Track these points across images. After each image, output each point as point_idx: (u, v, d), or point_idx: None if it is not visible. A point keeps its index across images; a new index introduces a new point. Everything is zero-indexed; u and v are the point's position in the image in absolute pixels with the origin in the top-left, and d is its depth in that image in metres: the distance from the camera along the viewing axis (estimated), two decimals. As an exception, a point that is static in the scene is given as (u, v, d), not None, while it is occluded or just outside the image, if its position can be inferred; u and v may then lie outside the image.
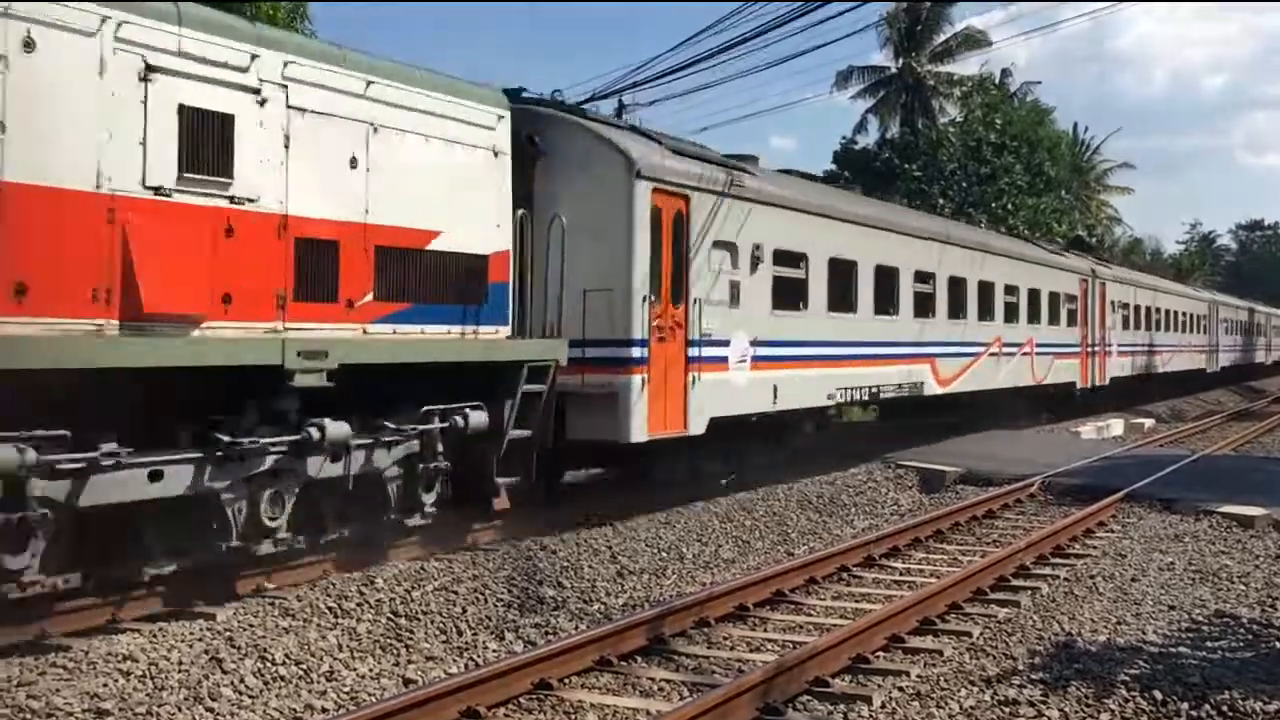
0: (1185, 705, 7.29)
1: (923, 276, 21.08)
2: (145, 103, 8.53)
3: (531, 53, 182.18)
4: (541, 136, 13.35)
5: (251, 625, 8.56)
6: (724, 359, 15.05)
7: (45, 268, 7.83)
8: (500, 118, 12.04)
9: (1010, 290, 25.33)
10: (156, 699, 7.11)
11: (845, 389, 18.19)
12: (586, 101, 18.85)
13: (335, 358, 9.71)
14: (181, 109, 8.79)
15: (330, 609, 9.11)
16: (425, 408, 10.88)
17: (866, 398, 19.33)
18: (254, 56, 9.37)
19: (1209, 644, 8.93)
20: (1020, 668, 8.15)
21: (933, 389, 21.32)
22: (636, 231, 13.42)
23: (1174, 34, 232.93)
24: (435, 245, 11.09)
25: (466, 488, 11.73)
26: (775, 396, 16.13)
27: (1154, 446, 24.79)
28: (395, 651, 8.53)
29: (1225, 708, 7.23)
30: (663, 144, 14.56)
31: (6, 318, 7.60)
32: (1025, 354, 26.03)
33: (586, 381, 13.15)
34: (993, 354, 24.22)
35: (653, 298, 13.64)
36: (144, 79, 8.53)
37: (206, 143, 8.93)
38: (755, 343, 15.65)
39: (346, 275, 10.16)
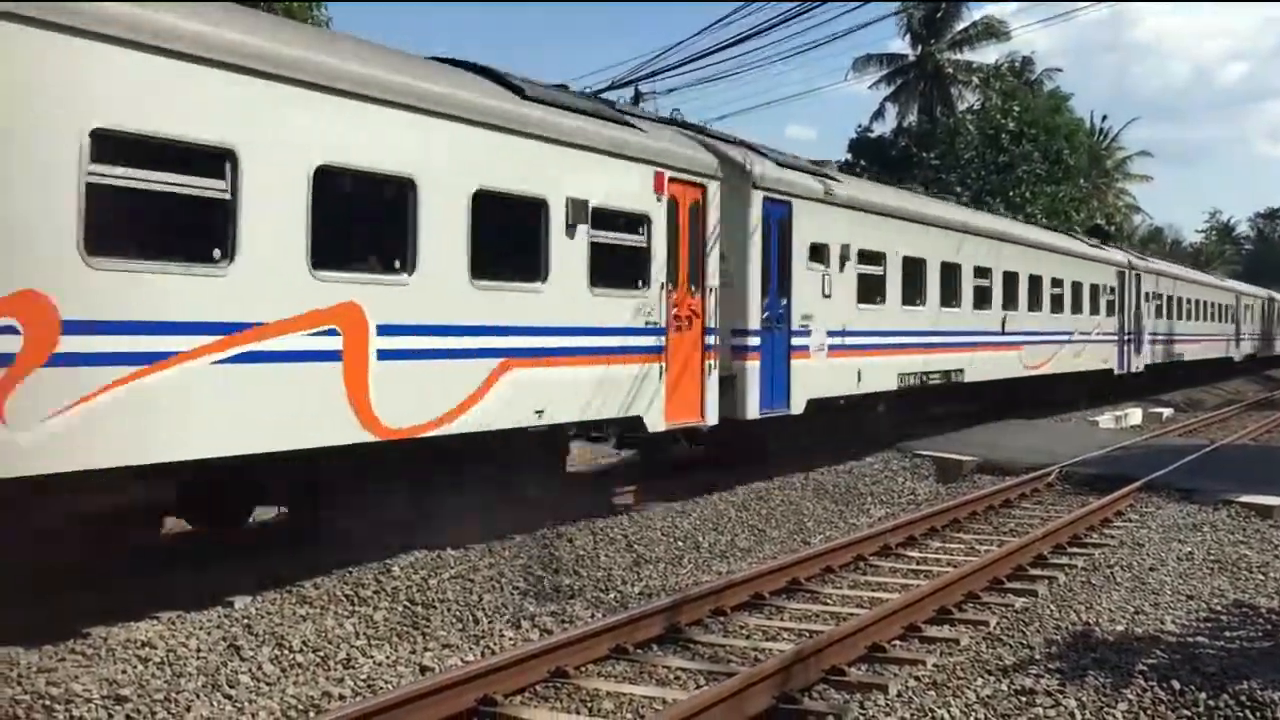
0: (1203, 695, 7.25)
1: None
2: None
3: (546, 41, 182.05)
4: None
5: (269, 613, 8.60)
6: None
7: None
8: None
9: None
10: (175, 686, 7.15)
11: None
12: (606, 90, 18.83)
13: None
14: None
15: (347, 596, 9.15)
16: None
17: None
18: None
19: (1228, 634, 8.89)
20: (1037, 657, 8.13)
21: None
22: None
23: (1193, 24, 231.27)
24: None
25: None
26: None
27: (1172, 436, 24.70)
28: (412, 639, 8.56)
29: (1244, 697, 7.19)
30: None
31: None
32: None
33: None
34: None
35: None
36: None
37: None
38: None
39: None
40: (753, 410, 14.97)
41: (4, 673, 7.07)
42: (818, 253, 16.58)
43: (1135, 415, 29.15)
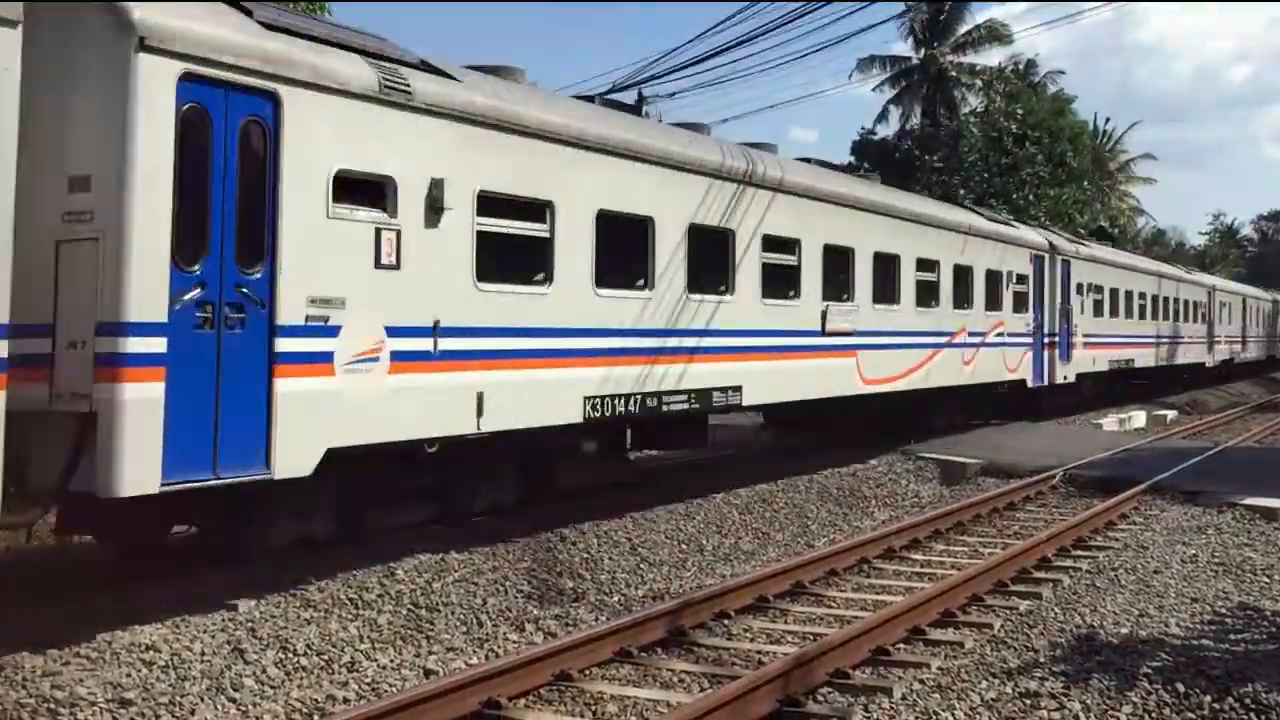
0: (1208, 698, 7.25)
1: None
2: None
3: (549, 45, 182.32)
4: None
5: (273, 616, 8.60)
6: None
7: None
8: None
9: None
10: (179, 689, 7.16)
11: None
12: (607, 93, 18.78)
13: None
14: None
15: (351, 600, 9.15)
16: None
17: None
18: None
19: (1232, 636, 8.88)
20: (1041, 660, 8.13)
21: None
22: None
23: (1197, 25, 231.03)
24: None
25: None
26: None
27: (1176, 438, 24.67)
28: (416, 642, 8.56)
29: (1248, 700, 7.19)
30: None
31: None
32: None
33: None
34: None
35: None
36: None
37: None
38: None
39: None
40: (139, 479, 7.75)
41: (9, 676, 7.08)
42: (365, 190, 9.62)
43: (1139, 418, 29.14)
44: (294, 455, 8.87)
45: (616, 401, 12.37)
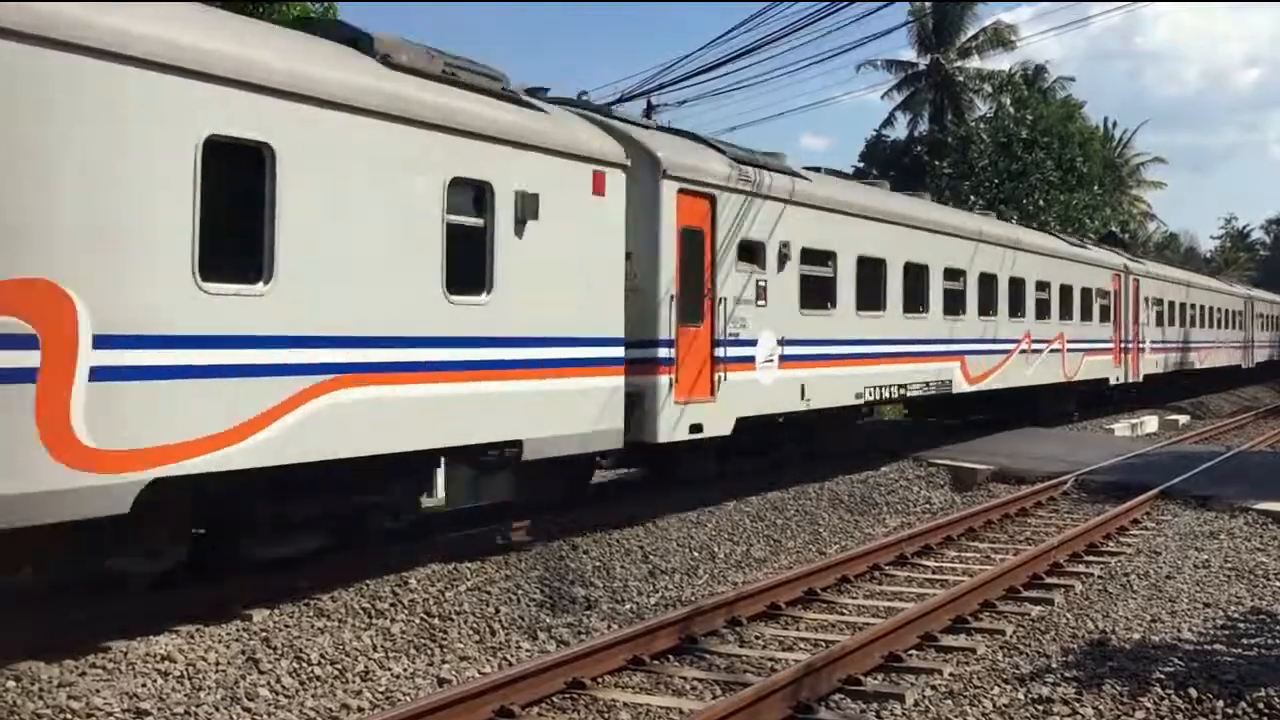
0: (1221, 703, 7.25)
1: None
2: None
3: (554, 52, 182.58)
4: None
5: (287, 626, 8.65)
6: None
7: None
8: None
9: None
10: (194, 699, 7.20)
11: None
12: (615, 103, 18.84)
13: None
14: None
15: (364, 609, 9.19)
16: None
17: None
18: None
19: (1245, 641, 8.87)
20: (1054, 666, 8.13)
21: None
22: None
23: (1206, 29, 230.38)
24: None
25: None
26: None
27: (1189, 443, 24.60)
28: (429, 651, 8.59)
29: (1262, 705, 7.19)
30: None
31: None
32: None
33: None
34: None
35: None
36: None
37: None
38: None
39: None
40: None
41: (26, 687, 7.13)
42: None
43: (1151, 423, 29.07)
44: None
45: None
